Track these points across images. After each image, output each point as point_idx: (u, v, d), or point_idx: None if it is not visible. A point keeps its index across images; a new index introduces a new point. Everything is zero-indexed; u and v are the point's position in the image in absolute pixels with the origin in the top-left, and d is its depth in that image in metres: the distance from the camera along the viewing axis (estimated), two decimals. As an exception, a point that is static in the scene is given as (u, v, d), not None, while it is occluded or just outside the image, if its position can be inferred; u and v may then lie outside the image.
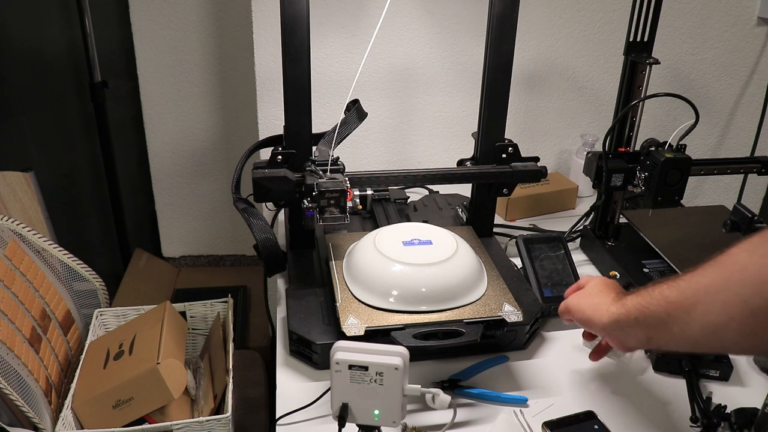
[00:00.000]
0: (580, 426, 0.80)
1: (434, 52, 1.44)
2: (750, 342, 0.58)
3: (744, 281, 0.57)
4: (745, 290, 0.56)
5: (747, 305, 0.56)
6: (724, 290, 0.58)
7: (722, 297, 0.58)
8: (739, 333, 0.57)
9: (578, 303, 0.81)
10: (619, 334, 0.73)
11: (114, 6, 1.82)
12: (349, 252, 1.00)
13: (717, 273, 0.60)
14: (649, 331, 0.67)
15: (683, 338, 0.63)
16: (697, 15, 1.51)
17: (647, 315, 0.67)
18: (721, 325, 0.58)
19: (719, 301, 0.58)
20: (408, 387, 0.69)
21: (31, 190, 1.34)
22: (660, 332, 0.65)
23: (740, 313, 0.56)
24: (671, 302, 0.63)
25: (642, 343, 0.71)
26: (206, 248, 2.19)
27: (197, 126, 1.97)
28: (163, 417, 0.99)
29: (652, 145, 1.09)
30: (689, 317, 0.61)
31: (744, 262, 0.57)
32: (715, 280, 0.59)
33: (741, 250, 0.59)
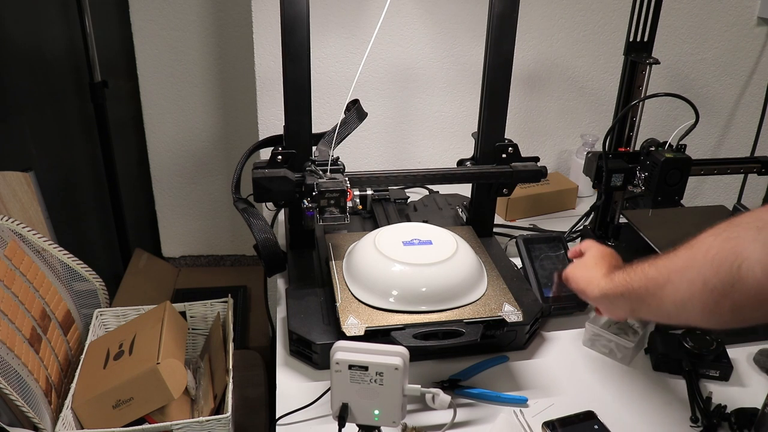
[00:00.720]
0: (580, 426, 0.80)
1: (434, 52, 1.44)
2: (709, 317, 0.64)
3: (705, 262, 0.62)
4: (705, 270, 0.62)
5: (706, 284, 0.62)
6: (689, 269, 0.64)
7: (687, 276, 0.64)
8: (701, 309, 0.63)
9: (575, 273, 0.86)
10: (608, 305, 0.80)
11: (114, 6, 1.81)
12: (349, 252, 1.00)
13: (687, 254, 0.66)
14: (632, 304, 0.74)
15: (659, 312, 0.70)
16: (697, 15, 1.51)
17: (630, 290, 0.73)
18: (687, 301, 0.64)
19: (685, 279, 0.64)
20: (408, 387, 0.69)
21: (31, 190, 1.34)
22: (640, 305, 0.73)
23: (700, 291, 0.62)
24: (650, 279, 0.70)
25: (627, 314, 0.78)
26: (206, 248, 2.19)
27: (197, 126, 1.97)
28: (163, 417, 0.99)
29: (652, 145, 1.09)
30: (663, 293, 0.68)
31: (708, 244, 0.63)
32: (684, 260, 0.65)
33: (709, 234, 0.64)
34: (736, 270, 0.59)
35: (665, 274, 0.68)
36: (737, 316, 0.62)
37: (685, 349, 0.90)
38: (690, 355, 0.90)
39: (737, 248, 0.60)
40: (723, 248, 0.61)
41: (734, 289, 0.60)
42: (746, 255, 0.59)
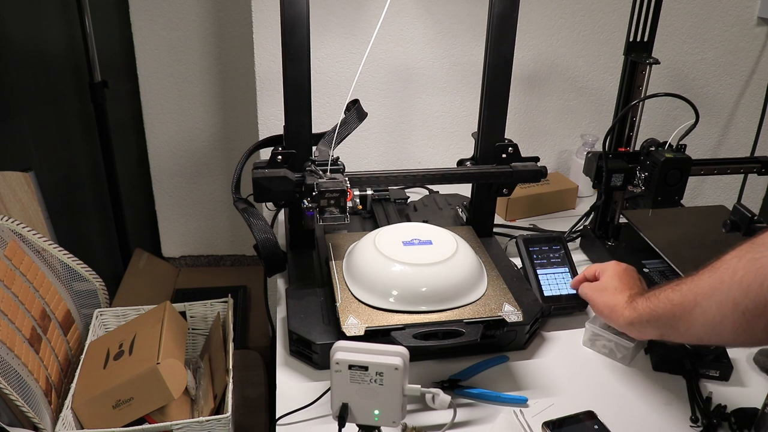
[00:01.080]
0: (580, 426, 0.80)
1: (434, 52, 1.44)
2: (743, 337, 0.65)
3: (733, 284, 0.63)
4: (734, 293, 0.63)
5: (738, 306, 0.62)
6: (717, 293, 0.65)
7: (716, 299, 0.65)
8: (732, 330, 0.64)
9: (595, 299, 0.90)
10: (635, 332, 0.82)
11: (114, 6, 1.82)
12: (349, 252, 1.00)
13: (712, 277, 0.67)
14: (660, 330, 0.76)
15: (688, 335, 0.72)
16: (697, 15, 1.51)
17: (657, 317, 0.75)
18: (717, 324, 0.65)
19: (714, 302, 0.65)
20: (408, 387, 0.69)
21: (31, 190, 1.34)
22: (669, 330, 0.74)
23: (732, 312, 0.63)
24: (675, 305, 0.71)
25: (657, 338, 0.79)
26: (206, 248, 2.19)
27: (197, 126, 1.97)
28: (163, 417, 0.99)
29: (652, 145, 1.09)
30: (691, 317, 0.69)
31: (734, 267, 0.64)
32: (711, 284, 0.66)
33: (732, 256, 0.65)
34: (766, 290, 0.60)
35: (691, 298, 0.69)
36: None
37: (685, 349, 0.90)
38: (690, 355, 0.90)
39: (764, 268, 0.61)
40: (749, 270, 0.62)
41: (767, 309, 0.60)
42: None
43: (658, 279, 1.05)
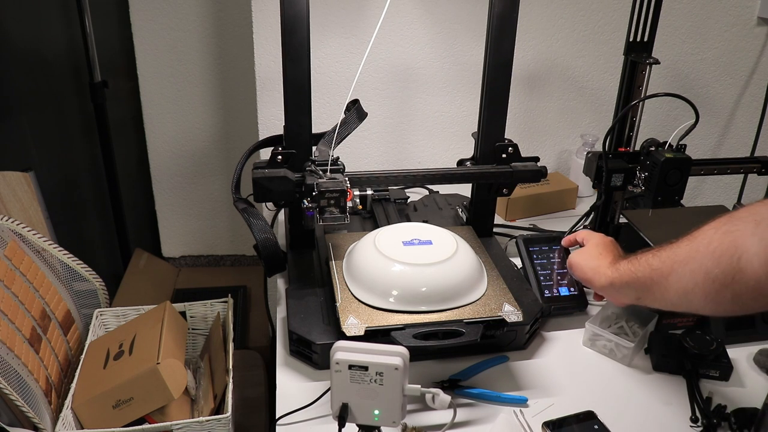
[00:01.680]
0: (580, 426, 0.80)
1: (434, 52, 1.44)
2: (712, 306, 0.68)
3: (707, 254, 0.66)
4: (707, 262, 0.66)
5: (708, 275, 0.66)
6: (692, 261, 0.69)
7: (690, 267, 0.68)
8: (703, 298, 0.68)
9: (579, 262, 0.91)
10: (614, 293, 0.85)
11: (114, 6, 1.81)
12: (349, 252, 1.00)
13: (689, 246, 0.70)
14: (637, 292, 0.79)
15: (663, 300, 0.74)
16: (697, 15, 1.51)
17: (635, 279, 0.78)
18: (689, 291, 0.69)
19: (688, 270, 0.69)
20: (408, 387, 0.69)
21: (31, 190, 1.34)
22: (645, 294, 0.77)
23: (703, 281, 0.67)
24: (654, 269, 0.74)
25: (632, 301, 0.82)
26: (206, 248, 2.19)
27: (197, 126, 1.97)
28: (163, 417, 0.99)
29: (652, 145, 1.09)
30: (667, 282, 0.72)
31: (710, 238, 0.67)
32: (687, 252, 0.70)
33: (710, 227, 0.68)
34: (736, 262, 0.63)
35: (669, 264, 0.72)
36: (738, 305, 0.66)
37: (685, 349, 0.90)
38: (690, 355, 0.90)
39: (736, 241, 0.64)
40: (723, 241, 0.65)
41: (734, 280, 0.64)
42: (745, 248, 0.63)
43: (658, 279, 1.05)
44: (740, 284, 0.63)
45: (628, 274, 0.80)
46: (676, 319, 1.00)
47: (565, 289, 1.04)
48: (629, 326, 0.98)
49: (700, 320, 1.00)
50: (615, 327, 0.98)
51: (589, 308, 1.05)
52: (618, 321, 0.99)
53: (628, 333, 0.96)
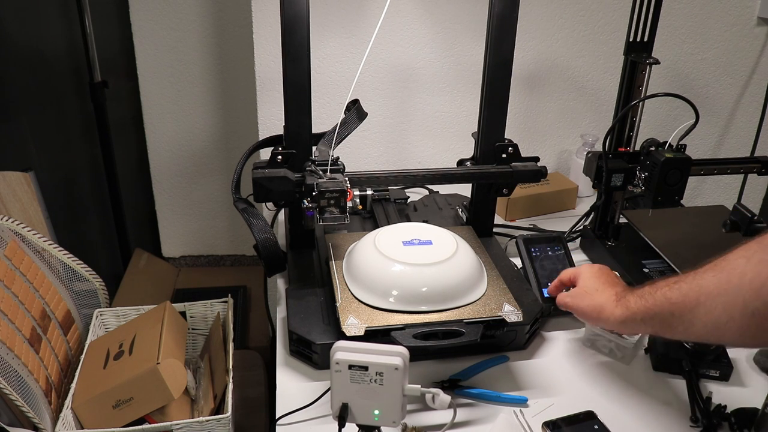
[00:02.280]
0: (580, 426, 0.80)
1: (434, 52, 1.44)
2: (748, 340, 0.64)
3: (742, 286, 0.62)
4: (744, 294, 0.61)
5: (747, 308, 0.61)
6: (724, 293, 0.63)
7: (723, 299, 0.63)
8: (738, 331, 0.63)
9: (578, 305, 0.84)
10: (627, 329, 0.81)
11: (114, 6, 1.81)
12: (349, 252, 1.00)
13: (717, 277, 0.65)
14: (654, 328, 0.74)
15: (687, 334, 0.70)
16: (697, 15, 1.51)
17: (652, 316, 0.72)
18: (722, 324, 0.64)
19: (720, 303, 0.64)
20: (408, 387, 0.69)
21: (31, 190, 1.34)
22: (665, 329, 0.72)
23: (740, 314, 0.62)
24: (674, 303, 0.69)
25: (650, 333, 0.82)
26: (206, 248, 2.19)
27: (197, 126, 1.97)
28: (163, 417, 0.99)
29: (652, 145, 1.09)
30: (692, 316, 0.67)
31: (742, 268, 0.62)
32: (716, 284, 0.65)
33: (738, 257, 0.64)
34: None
35: (693, 297, 0.67)
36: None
37: (685, 349, 0.90)
38: (690, 355, 0.90)
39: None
40: (761, 272, 0.61)
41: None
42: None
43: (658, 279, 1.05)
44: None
45: (643, 311, 0.74)
46: (676, 319, 1.00)
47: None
48: (629, 326, 0.97)
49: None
50: (615, 327, 0.98)
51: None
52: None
53: (628, 333, 0.96)
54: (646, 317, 0.74)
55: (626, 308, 0.77)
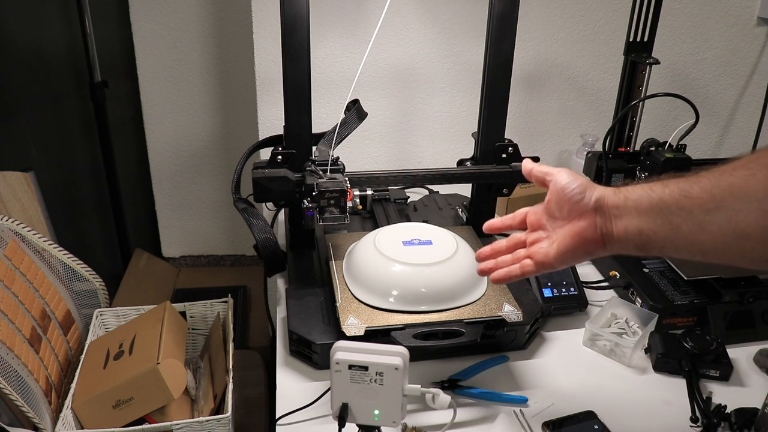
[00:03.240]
0: (580, 426, 0.80)
1: (434, 52, 1.44)
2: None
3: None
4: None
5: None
6: (765, 196, 0.51)
7: (764, 204, 0.51)
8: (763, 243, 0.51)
9: (557, 172, 0.68)
10: (609, 225, 0.61)
11: (114, 6, 1.81)
12: (349, 252, 1.00)
13: (754, 176, 0.52)
14: (647, 220, 0.58)
15: (688, 241, 0.56)
16: (697, 15, 1.51)
17: (654, 200, 0.57)
18: (750, 235, 0.51)
19: (758, 208, 0.51)
20: (408, 387, 0.69)
21: (31, 190, 1.34)
22: (662, 227, 0.57)
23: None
24: (689, 197, 0.55)
25: (626, 235, 0.60)
26: (206, 248, 2.19)
27: (197, 126, 1.97)
28: (163, 417, 0.99)
29: (652, 145, 1.10)
30: (707, 218, 0.54)
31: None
32: (752, 183, 0.52)
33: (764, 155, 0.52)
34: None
35: (718, 196, 0.53)
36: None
37: (685, 349, 0.90)
38: (690, 355, 0.90)
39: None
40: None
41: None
42: None
43: (658, 279, 1.05)
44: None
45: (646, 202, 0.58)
46: (676, 319, 1.00)
47: (565, 289, 1.04)
48: (629, 326, 0.97)
49: (700, 320, 1.00)
50: (615, 327, 0.98)
51: (589, 308, 1.05)
52: (618, 321, 0.99)
53: (628, 333, 0.96)
54: (645, 209, 0.58)
55: (618, 192, 0.61)
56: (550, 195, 0.67)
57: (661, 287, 1.03)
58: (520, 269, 0.69)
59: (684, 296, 1.00)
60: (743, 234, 0.52)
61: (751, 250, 0.52)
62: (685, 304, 0.99)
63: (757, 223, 0.51)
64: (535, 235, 0.70)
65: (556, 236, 0.66)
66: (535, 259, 0.68)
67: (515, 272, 0.69)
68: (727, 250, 0.54)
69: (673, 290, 1.02)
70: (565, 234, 0.65)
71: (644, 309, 0.99)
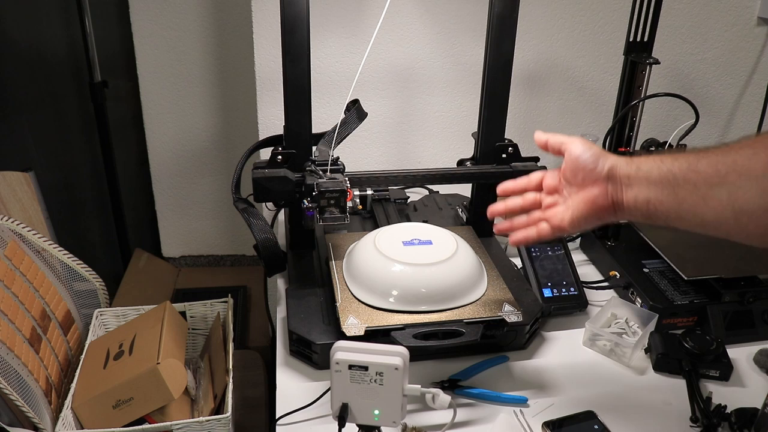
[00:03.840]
0: (580, 426, 0.80)
1: (434, 52, 1.44)
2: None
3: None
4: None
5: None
6: (764, 176, 0.53)
7: (762, 183, 0.53)
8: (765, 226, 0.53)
9: (571, 141, 0.71)
10: (619, 195, 0.65)
11: (114, 6, 1.81)
12: (349, 252, 1.00)
13: (757, 156, 0.54)
14: (655, 191, 0.61)
15: (691, 213, 0.58)
16: (697, 15, 1.51)
17: (663, 172, 0.60)
18: (750, 212, 0.54)
19: (757, 186, 0.53)
20: (408, 387, 0.69)
21: (31, 190, 1.34)
22: (668, 198, 0.59)
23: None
24: (696, 170, 0.57)
25: (636, 204, 0.63)
26: (206, 248, 2.19)
27: (197, 126, 1.97)
28: (163, 417, 0.99)
29: (652, 145, 1.10)
30: (710, 192, 0.56)
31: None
32: (754, 162, 0.54)
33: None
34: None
35: (723, 172, 0.55)
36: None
37: (685, 349, 0.90)
38: (690, 355, 0.90)
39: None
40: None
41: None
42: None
43: (658, 279, 1.06)
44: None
45: (656, 172, 0.60)
46: (676, 319, 1.00)
47: (565, 289, 1.04)
48: (629, 326, 0.98)
49: (700, 320, 1.00)
50: (615, 327, 0.98)
51: (589, 308, 1.05)
52: (618, 321, 0.99)
53: (628, 333, 0.96)
54: (654, 180, 0.60)
55: (631, 162, 0.64)
56: (565, 163, 0.71)
57: (661, 287, 1.03)
58: (537, 233, 0.73)
59: (684, 296, 1.00)
60: (741, 210, 0.54)
61: (746, 225, 0.55)
62: (685, 304, 0.99)
63: (755, 201, 0.54)
64: (551, 198, 0.74)
65: (570, 202, 0.70)
66: (551, 223, 0.72)
67: (532, 236, 0.74)
68: (726, 225, 0.56)
69: (673, 290, 1.02)
70: (579, 200, 0.69)
71: (644, 309, 0.99)
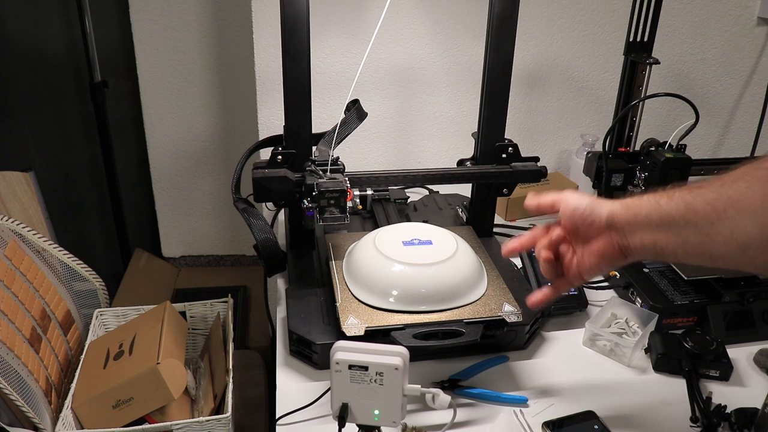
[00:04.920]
0: (580, 426, 0.80)
1: (434, 52, 1.44)
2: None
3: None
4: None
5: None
6: (762, 210, 0.53)
7: (761, 217, 0.53)
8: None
9: (566, 196, 0.70)
10: (618, 238, 0.65)
11: (114, 6, 1.82)
12: (349, 252, 1.00)
13: (751, 189, 0.54)
14: (659, 234, 0.61)
15: (698, 251, 0.59)
16: (697, 15, 1.51)
17: (662, 215, 0.60)
18: (752, 245, 0.55)
19: (755, 220, 0.54)
20: (408, 387, 0.69)
21: (31, 190, 1.34)
22: (673, 239, 0.60)
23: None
24: (694, 210, 0.58)
25: (642, 247, 0.63)
26: (206, 248, 2.19)
27: (197, 126, 1.98)
28: (163, 417, 0.99)
29: (652, 145, 1.10)
30: (712, 230, 0.57)
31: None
32: (750, 196, 0.54)
33: (761, 168, 0.54)
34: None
35: (720, 208, 0.56)
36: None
37: (685, 349, 0.90)
38: (690, 355, 0.90)
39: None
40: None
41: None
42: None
43: (658, 279, 1.05)
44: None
45: (656, 214, 0.60)
46: (676, 319, 1.00)
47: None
48: (629, 326, 0.98)
49: (700, 320, 1.00)
50: (615, 327, 0.98)
51: (589, 308, 1.05)
52: (618, 321, 0.99)
53: (628, 333, 0.96)
54: (655, 224, 0.61)
55: (628, 208, 0.64)
56: (563, 219, 0.71)
57: (661, 287, 1.03)
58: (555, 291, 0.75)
59: (684, 296, 1.00)
60: (745, 244, 0.55)
61: (754, 258, 0.56)
62: (685, 304, 0.99)
63: (756, 235, 0.54)
64: (563, 247, 0.73)
65: (580, 253, 0.71)
66: (568, 277, 0.73)
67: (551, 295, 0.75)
68: (734, 258, 0.57)
69: (673, 290, 1.02)
70: (589, 254, 0.70)
71: (644, 309, 0.99)
